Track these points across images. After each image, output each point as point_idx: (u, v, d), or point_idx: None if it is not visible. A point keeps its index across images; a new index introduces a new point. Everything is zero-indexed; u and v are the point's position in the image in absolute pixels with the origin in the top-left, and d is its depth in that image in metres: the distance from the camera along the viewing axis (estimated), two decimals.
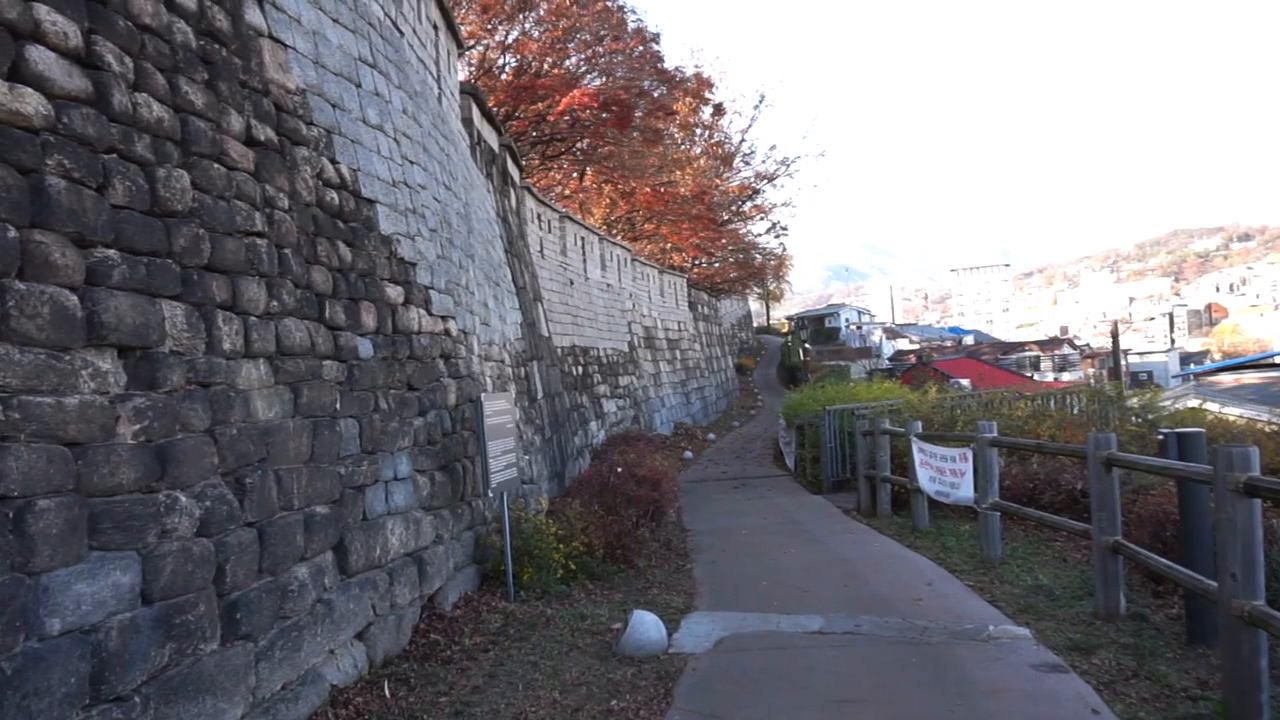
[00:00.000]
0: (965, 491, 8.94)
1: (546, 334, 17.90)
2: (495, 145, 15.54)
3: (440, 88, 11.44)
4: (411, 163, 8.55)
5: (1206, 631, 5.51)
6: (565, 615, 7.14)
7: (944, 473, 9.41)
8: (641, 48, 22.62)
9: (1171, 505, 6.95)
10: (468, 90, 13.55)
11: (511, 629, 6.80)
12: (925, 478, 9.90)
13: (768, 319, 77.21)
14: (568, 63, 20.77)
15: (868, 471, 12.38)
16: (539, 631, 6.72)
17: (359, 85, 7.61)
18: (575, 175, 30.32)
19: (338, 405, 5.92)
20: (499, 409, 7.80)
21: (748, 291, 61.34)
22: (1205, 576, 5.12)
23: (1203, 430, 6.11)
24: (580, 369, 21.13)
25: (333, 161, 6.75)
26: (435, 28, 11.36)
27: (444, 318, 8.37)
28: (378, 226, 7.28)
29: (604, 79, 21.74)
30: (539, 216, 20.30)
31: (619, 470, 9.40)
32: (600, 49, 20.71)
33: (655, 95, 23.66)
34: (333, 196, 6.57)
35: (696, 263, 43.31)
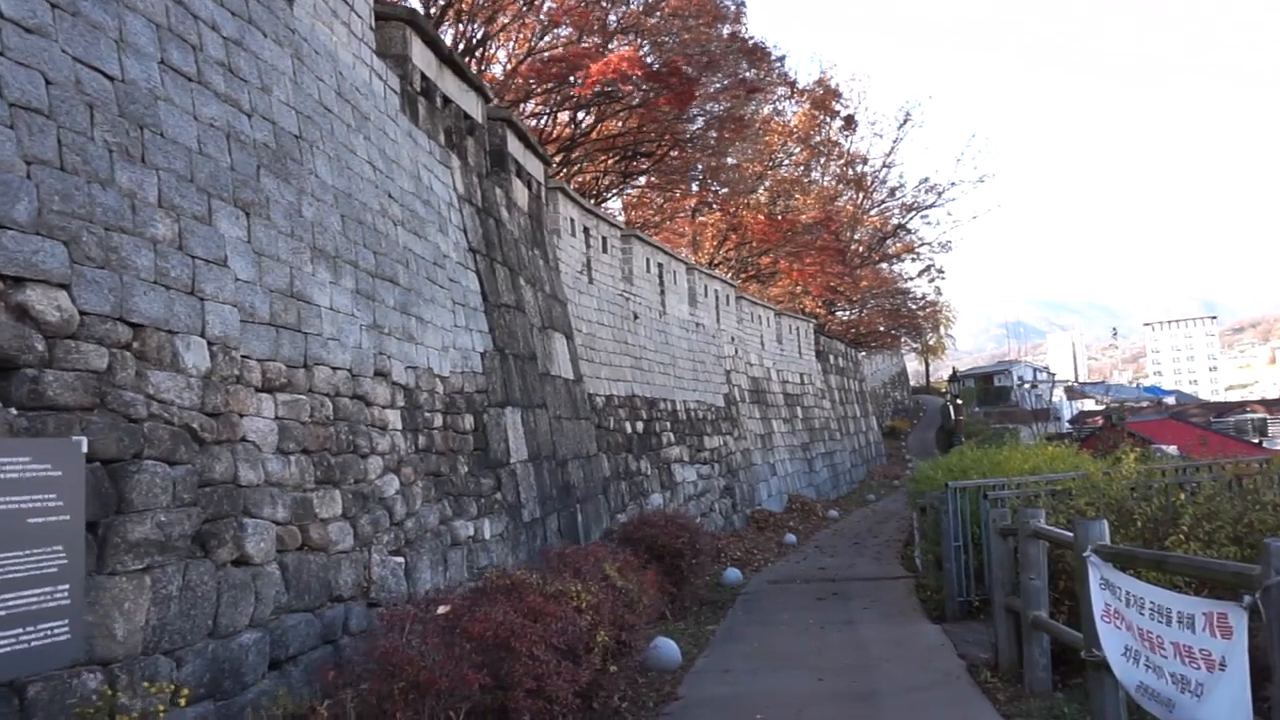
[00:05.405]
0: (1220, 709, 3.62)
1: (571, 375, 13.39)
2: (477, 113, 11.37)
3: None
4: None
5: None
6: None
7: (1159, 647, 4.08)
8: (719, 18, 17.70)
9: None
10: (399, 15, 9.42)
11: None
12: (1116, 647, 4.56)
13: (927, 378, 69.48)
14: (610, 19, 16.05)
15: (1007, 600, 7.01)
16: None
17: None
18: (672, 196, 25.77)
19: None
20: (10, 478, 3.27)
21: (901, 346, 54.87)
22: None
23: None
24: (640, 425, 16.42)
25: None
26: None
27: None
28: None
29: (658, 45, 17.13)
30: (585, 229, 15.96)
31: (441, 612, 4.58)
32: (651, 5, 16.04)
33: (738, 75, 18.78)
34: None
35: (833, 308, 37.73)
